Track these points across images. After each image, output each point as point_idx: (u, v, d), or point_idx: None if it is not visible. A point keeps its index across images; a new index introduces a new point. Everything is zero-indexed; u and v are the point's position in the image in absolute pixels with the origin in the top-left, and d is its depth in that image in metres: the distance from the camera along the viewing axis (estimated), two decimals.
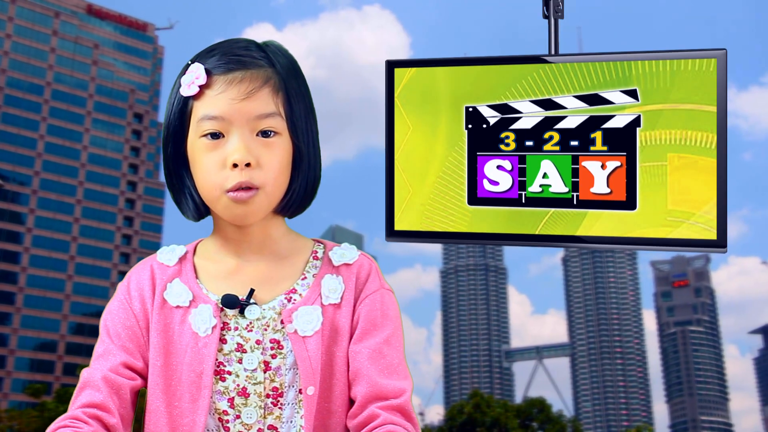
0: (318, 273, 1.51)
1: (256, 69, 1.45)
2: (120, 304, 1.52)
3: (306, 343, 1.43)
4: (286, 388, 1.44)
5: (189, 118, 1.47)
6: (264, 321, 1.45)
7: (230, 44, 1.50)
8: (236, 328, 1.46)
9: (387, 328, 1.48)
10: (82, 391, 1.44)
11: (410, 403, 1.42)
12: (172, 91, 1.50)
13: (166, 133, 1.50)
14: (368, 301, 1.49)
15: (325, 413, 1.44)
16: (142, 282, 1.52)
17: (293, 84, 1.48)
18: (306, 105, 1.50)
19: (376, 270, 1.54)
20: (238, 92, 1.43)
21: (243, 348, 1.45)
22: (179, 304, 1.48)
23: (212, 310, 1.46)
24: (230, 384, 1.44)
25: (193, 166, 1.48)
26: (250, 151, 1.42)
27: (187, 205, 1.52)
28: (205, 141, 1.44)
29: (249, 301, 1.46)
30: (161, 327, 1.48)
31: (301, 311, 1.45)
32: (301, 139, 1.48)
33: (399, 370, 1.45)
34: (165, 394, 1.45)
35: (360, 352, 1.45)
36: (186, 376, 1.44)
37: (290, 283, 1.49)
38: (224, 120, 1.43)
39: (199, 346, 1.45)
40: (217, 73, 1.45)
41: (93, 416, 1.40)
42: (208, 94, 1.45)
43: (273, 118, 1.44)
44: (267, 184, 1.44)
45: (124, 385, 1.44)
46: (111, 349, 1.48)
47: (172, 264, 1.54)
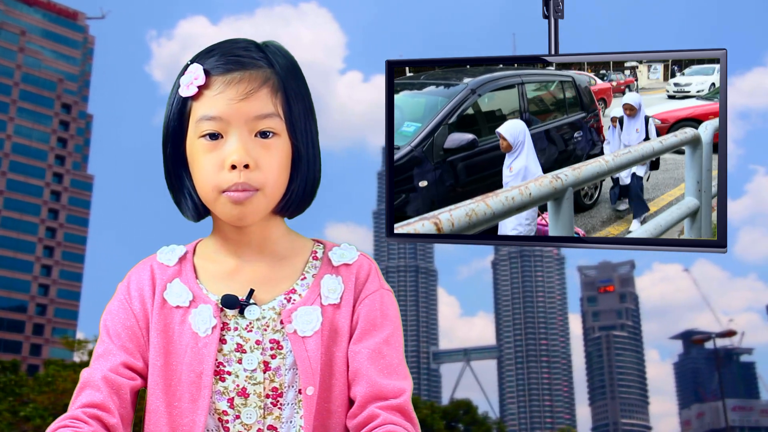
0: (317, 273, 1.51)
1: (255, 69, 1.46)
2: (120, 304, 1.51)
3: (305, 344, 1.44)
4: (286, 389, 1.45)
5: (188, 119, 1.47)
6: (263, 321, 1.46)
7: (229, 45, 1.49)
8: (236, 328, 1.46)
9: (386, 328, 1.48)
10: (82, 391, 1.44)
11: (410, 403, 1.44)
12: (171, 92, 1.50)
13: (166, 133, 1.49)
14: (368, 301, 1.49)
15: (324, 413, 1.45)
16: (142, 282, 1.52)
17: (292, 84, 1.48)
18: (305, 105, 1.50)
19: (376, 270, 1.54)
20: (237, 93, 1.43)
21: (243, 348, 1.45)
22: (179, 304, 1.48)
23: (212, 311, 1.46)
24: (230, 384, 1.44)
25: (192, 166, 1.48)
26: (248, 152, 1.42)
27: (187, 206, 1.51)
28: (203, 142, 1.45)
29: (248, 301, 1.46)
30: (161, 327, 1.48)
31: (301, 311, 1.46)
32: (300, 139, 1.48)
33: (399, 370, 1.46)
34: (165, 394, 1.45)
35: (360, 352, 1.46)
36: (186, 376, 1.45)
37: (290, 284, 1.50)
38: (222, 120, 1.43)
39: (199, 347, 1.45)
40: (216, 73, 1.45)
41: (93, 416, 1.40)
42: (207, 95, 1.45)
43: (271, 119, 1.45)
44: (266, 186, 1.44)
45: (124, 385, 1.44)
46: (111, 349, 1.47)
47: (172, 264, 1.53)
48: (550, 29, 1.80)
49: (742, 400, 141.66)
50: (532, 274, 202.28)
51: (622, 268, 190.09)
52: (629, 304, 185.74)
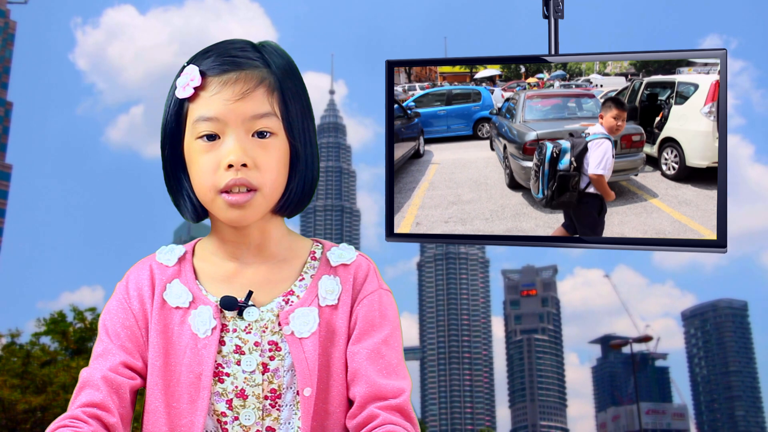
0: (315, 274, 1.51)
1: (251, 69, 1.46)
2: (119, 303, 1.50)
3: (303, 345, 1.45)
4: (285, 390, 1.45)
5: (185, 121, 1.47)
6: (262, 323, 1.47)
7: (226, 45, 1.50)
8: (235, 330, 1.47)
9: (385, 329, 1.49)
10: (81, 391, 1.43)
11: (409, 403, 1.45)
12: (168, 94, 1.50)
13: (163, 135, 1.49)
14: (366, 301, 1.50)
15: (322, 414, 1.46)
16: (141, 282, 1.51)
17: (289, 84, 1.48)
18: (302, 105, 1.50)
19: (374, 270, 1.55)
20: (233, 93, 1.44)
21: (241, 350, 1.46)
22: (179, 305, 1.48)
23: (212, 312, 1.46)
24: (228, 385, 1.45)
25: (190, 167, 1.48)
26: (245, 152, 1.43)
27: (186, 207, 1.51)
28: (201, 143, 1.45)
29: (247, 303, 1.47)
30: (161, 327, 1.48)
31: (298, 313, 1.47)
32: (297, 138, 1.48)
33: (398, 370, 1.47)
34: (164, 394, 1.45)
35: (359, 353, 1.47)
36: (185, 377, 1.45)
37: (288, 285, 1.50)
38: (219, 121, 1.43)
39: (199, 347, 1.45)
40: (212, 74, 1.46)
41: (92, 416, 1.40)
42: (203, 96, 1.45)
43: (268, 119, 1.45)
44: (265, 186, 1.44)
45: (123, 384, 1.44)
46: (110, 349, 1.47)
47: (171, 264, 1.53)
48: (550, 29, 1.81)
49: (655, 404, 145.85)
50: (457, 277, 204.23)
51: (545, 272, 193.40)
52: (551, 308, 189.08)
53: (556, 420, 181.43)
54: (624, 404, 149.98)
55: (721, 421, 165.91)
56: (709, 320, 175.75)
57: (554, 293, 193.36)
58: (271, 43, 1.52)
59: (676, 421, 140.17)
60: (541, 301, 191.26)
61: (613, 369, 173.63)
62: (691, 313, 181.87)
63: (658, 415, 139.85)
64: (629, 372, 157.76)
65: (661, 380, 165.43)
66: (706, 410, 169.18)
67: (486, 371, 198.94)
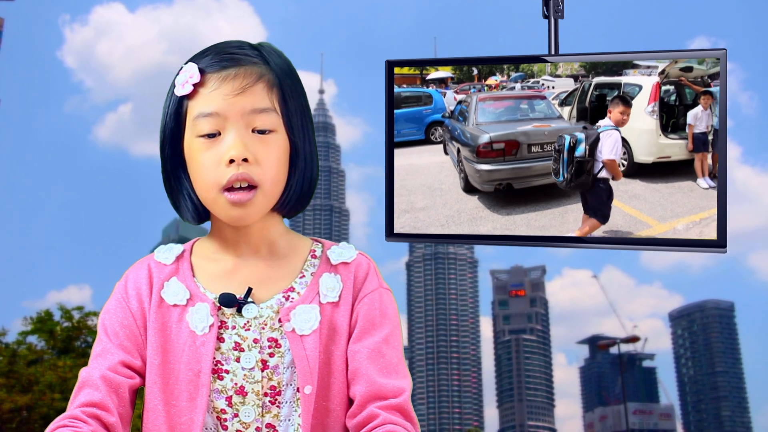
0: (316, 271, 1.51)
1: (250, 65, 1.46)
2: (117, 303, 1.50)
3: (303, 342, 1.45)
4: (284, 387, 1.45)
5: (185, 119, 1.47)
6: (261, 320, 1.46)
7: (223, 44, 1.51)
8: (234, 326, 1.46)
9: (386, 328, 1.49)
10: (80, 390, 1.43)
11: (410, 402, 1.45)
12: (167, 94, 1.50)
13: (163, 135, 1.49)
14: (367, 300, 1.50)
15: (323, 412, 1.45)
16: (140, 281, 1.51)
17: (288, 82, 1.49)
18: (301, 103, 1.50)
19: (375, 269, 1.55)
20: (232, 88, 1.44)
21: (241, 347, 1.45)
22: (176, 303, 1.48)
23: (210, 309, 1.46)
24: (228, 382, 1.44)
25: (190, 165, 1.47)
26: (246, 147, 1.42)
27: (186, 208, 1.51)
28: (201, 140, 1.45)
29: (246, 299, 1.46)
30: (159, 325, 1.47)
31: (299, 310, 1.46)
32: (297, 135, 1.48)
33: (398, 370, 1.47)
34: (163, 392, 1.45)
35: (359, 352, 1.47)
36: (184, 374, 1.44)
37: (288, 282, 1.50)
38: (219, 116, 1.43)
39: (197, 345, 1.45)
40: (211, 71, 1.46)
41: (92, 415, 1.39)
42: (202, 93, 1.45)
43: (268, 114, 1.45)
44: (265, 182, 1.44)
45: (122, 383, 1.44)
46: (109, 348, 1.47)
47: (169, 263, 1.52)
48: (550, 29, 1.81)
49: (642, 404, 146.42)
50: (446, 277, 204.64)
51: (533, 272, 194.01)
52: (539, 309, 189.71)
53: (543, 420, 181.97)
54: (611, 404, 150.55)
55: (707, 421, 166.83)
56: (696, 321, 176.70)
57: (542, 293, 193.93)
58: (269, 44, 1.52)
59: (663, 421, 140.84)
60: (530, 302, 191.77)
61: (600, 369, 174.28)
62: (679, 313, 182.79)
63: (645, 415, 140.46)
64: (617, 372, 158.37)
65: (648, 380, 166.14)
66: (692, 410, 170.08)
67: (474, 371, 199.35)
